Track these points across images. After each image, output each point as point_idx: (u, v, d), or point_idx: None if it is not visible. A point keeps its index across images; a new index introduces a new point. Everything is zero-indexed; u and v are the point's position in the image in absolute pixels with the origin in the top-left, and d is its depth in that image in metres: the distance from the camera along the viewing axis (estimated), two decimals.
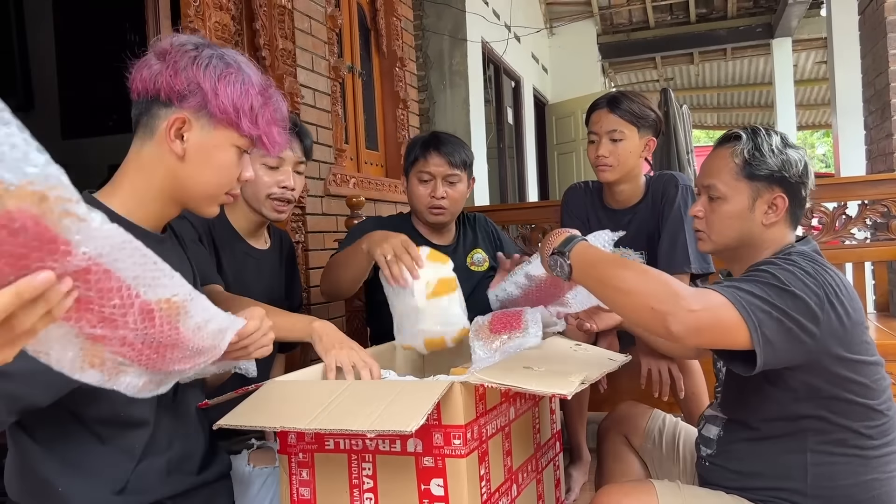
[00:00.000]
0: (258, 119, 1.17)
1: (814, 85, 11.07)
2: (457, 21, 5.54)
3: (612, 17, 9.08)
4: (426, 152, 2.13)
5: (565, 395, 1.14)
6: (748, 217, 1.40)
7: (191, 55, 1.14)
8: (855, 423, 1.30)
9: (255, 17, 2.70)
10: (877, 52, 3.39)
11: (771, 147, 1.39)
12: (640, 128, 2.15)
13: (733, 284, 1.23)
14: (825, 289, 1.24)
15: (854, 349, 1.28)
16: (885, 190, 3.03)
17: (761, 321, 1.17)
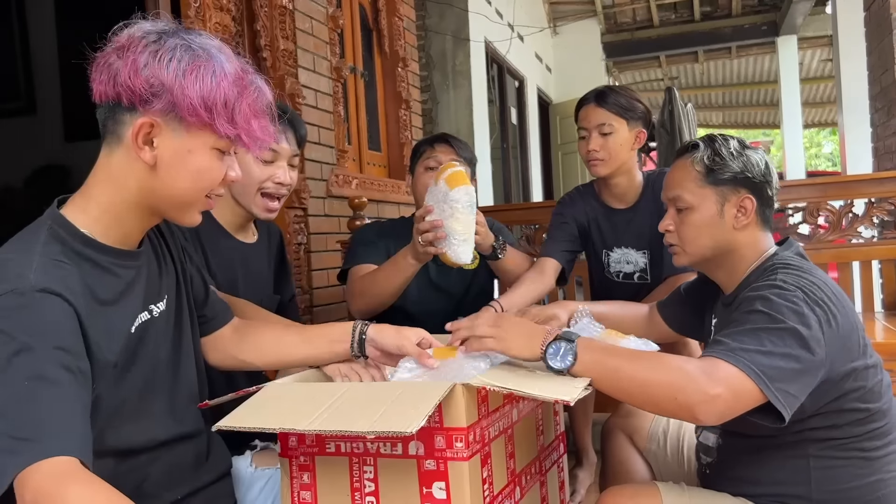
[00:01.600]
0: (234, 115, 1.05)
1: (819, 83, 11.03)
2: (459, 21, 5.53)
3: (615, 15, 9.06)
4: (433, 143, 2.18)
5: (568, 401, 1.12)
6: (719, 223, 1.39)
7: (151, 50, 1.01)
8: (857, 428, 1.29)
9: (255, 17, 2.69)
10: (882, 49, 3.36)
11: (730, 150, 1.40)
12: (629, 120, 2.14)
13: (737, 344, 1.19)
14: (819, 305, 1.23)
15: (855, 356, 1.27)
16: (893, 188, 3.00)
17: (773, 378, 1.15)
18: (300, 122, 1.76)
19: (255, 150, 1.12)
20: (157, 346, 1.19)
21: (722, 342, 1.20)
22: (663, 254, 2.29)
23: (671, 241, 1.47)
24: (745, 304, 1.27)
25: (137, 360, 1.13)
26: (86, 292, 1.01)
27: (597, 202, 2.31)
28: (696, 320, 1.63)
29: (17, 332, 0.91)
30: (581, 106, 2.21)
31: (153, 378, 1.17)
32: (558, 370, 1.20)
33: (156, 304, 1.19)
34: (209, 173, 1.09)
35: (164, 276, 1.24)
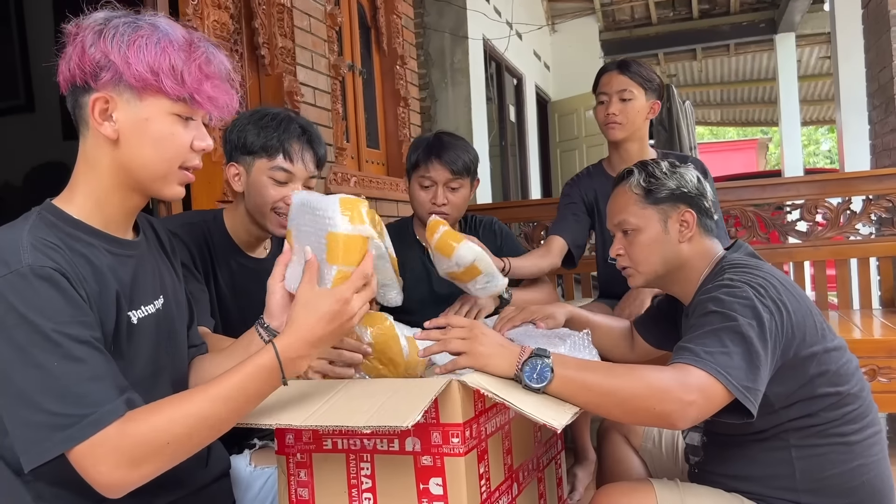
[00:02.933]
0: (184, 76, 1.05)
1: (818, 80, 11.03)
2: (458, 18, 5.52)
3: (614, 13, 9.05)
4: (428, 159, 2.10)
5: (556, 427, 1.12)
6: (665, 239, 1.47)
7: (96, 30, 1.05)
8: (832, 413, 1.32)
9: (253, 15, 2.69)
10: (880, 46, 3.36)
11: (663, 171, 1.50)
12: (647, 90, 2.30)
13: (700, 348, 1.23)
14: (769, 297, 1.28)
15: (811, 340, 1.31)
16: (890, 185, 3.01)
17: (738, 377, 1.20)
18: (320, 143, 1.70)
19: (215, 111, 1.11)
20: (156, 342, 1.19)
21: (686, 348, 1.25)
22: None
23: (623, 264, 1.54)
24: (699, 308, 1.32)
25: (135, 352, 1.14)
26: (77, 271, 1.04)
27: (604, 177, 2.39)
28: (671, 334, 1.65)
29: (28, 313, 0.96)
30: (602, 73, 2.36)
31: (151, 374, 1.18)
32: (534, 389, 1.20)
33: (153, 302, 1.20)
34: (171, 140, 1.09)
35: (162, 277, 1.25)
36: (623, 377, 1.21)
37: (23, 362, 0.95)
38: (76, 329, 0.99)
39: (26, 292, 0.97)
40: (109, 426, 0.96)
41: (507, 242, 2.31)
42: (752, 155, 18.64)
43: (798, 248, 3.11)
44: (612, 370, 1.24)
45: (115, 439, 0.96)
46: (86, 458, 0.96)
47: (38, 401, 0.95)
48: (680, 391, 1.17)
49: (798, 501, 1.32)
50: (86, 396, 0.96)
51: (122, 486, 0.98)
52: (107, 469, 0.96)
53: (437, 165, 2.09)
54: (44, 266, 0.99)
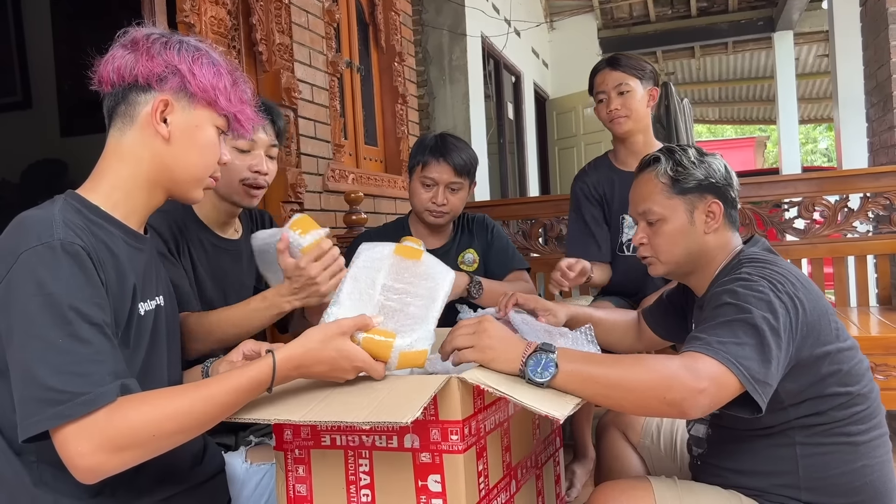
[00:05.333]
0: (232, 97, 1.21)
1: (816, 78, 11.03)
2: (456, 16, 5.52)
3: (612, 11, 9.04)
4: (432, 158, 2.14)
5: (558, 417, 1.12)
6: (690, 230, 1.44)
7: (162, 41, 1.17)
8: (840, 412, 1.31)
9: (251, 11, 2.68)
10: (878, 43, 3.36)
11: (690, 159, 1.45)
12: (642, 79, 2.33)
13: (713, 338, 1.21)
14: (786, 293, 1.26)
15: (826, 339, 1.29)
16: (888, 182, 3.02)
17: (750, 369, 1.18)
18: (279, 115, 1.77)
19: (247, 129, 1.26)
20: (156, 337, 1.22)
21: (699, 337, 1.23)
22: None
23: (645, 253, 1.51)
24: (714, 300, 1.30)
25: (137, 343, 1.16)
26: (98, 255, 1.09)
27: (611, 169, 2.45)
28: (680, 326, 1.65)
29: (49, 285, 1.00)
30: (595, 73, 2.40)
31: (149, 367, 1.19)
32: (539, 384, 1.19)
33: (156, 298, 1.24)
34: (213, 148, 1.22)
35: (162, 276, 1.31)
36: (630, 367, 1.19)
37: (30, 334, 0.99)
38: (91, 309, 1.02)
39: (52, 265, 1.01)
40: (100, 409, 0.98)
41: (496, 241, 2.32)
42: (750, 153, 18.65)
43: (795, 245, 3.11)
44: (619, 361, 1.21)
45: (103, 422, 0.97)
46: (70, 438, 0.97)
47: (37, 373, 0.97)
48: (690, 379, 1.15)
49: (799, 499, 1.31)
50: (83, 376, 0.98)
51: (99, 471, 0.99)
52: (88, 451, 0.97)
53: (441, 166, 2.12)
54: (73, 243, 1.04)
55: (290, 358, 1.13)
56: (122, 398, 1.01)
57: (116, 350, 1.05)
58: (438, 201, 2.13)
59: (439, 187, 2.13)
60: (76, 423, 0.97)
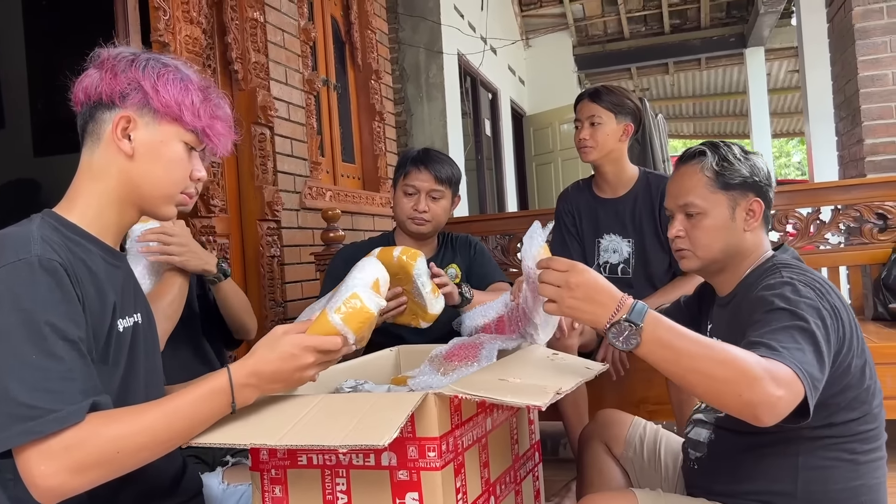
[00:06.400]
0: (200, 112, 1.19)
1: (787, 93, 11.22)
2: (432, 34, 5.55)
3: (587, 28, 9.16)
4: (413, 167, 2.22)
5: (539, 406, 1.12)
6: (731, 227, 1.42)
7: (128, 59, 1.17)
8: (850, 427, 1.30)
9: (226, 30, 2.68)
10: (845, 59, 3.44)
11: (736, 156, 1.44)
12: (617, 114, 2.41)
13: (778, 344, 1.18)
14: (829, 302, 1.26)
15: (856, 351, 1.29)
16: (857, 195, 3.07)
17: (813, 376, 1.16)
18: None
19: (218, 146, 1.24)
20: (134, 354, 1.21)
21: (762, 343, 1.19)
22: (645, 245, 2.39)
23: (681, 245, 1.48)
24: (762, 304, 1.28)
25: (116, 359, 1.16)
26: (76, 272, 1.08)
27: (589, 193, 2.56)
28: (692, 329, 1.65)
29: (25, 301, 1.00)
30: (578, 101, 2.50)
31: (127, 384, 1.18)
32: (621, 349, 1.19)
33: (134, 315, 1.24)
34: (180, 164, 1.20)
35: (140, 294, 1.31)
36: (716, 356, 1.14)
37: (4, 349, 0.98)
38: (66, 325, 1.02)
39: (29, 281, 1.01)
40: (69, 429, 0.97)
41: (479, 257, 2.36)
42: None
43: None
44: (707, 346, 1.17)
45: (69, 441, 0.97)
46: (33, 457, 0.96)
47: (9, 389, 0.97)
48: (772, 385, 1.11)
49: None
50: (54, 394, 0.97)
51: (60, 492, 0.98)
52: (50, 471, 0.96)
53: (422, 173, 2.20)
54: (51, 259, 1.04)
55: (244, 365, 1.12)
56: (90, 416, 1.00)
57: (90, 367, 1.04)
58: (420, 208, 2.20)
59: (421, 195, 2.20)
60: (42, 442, 0.96)
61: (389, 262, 1.90)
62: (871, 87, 3.23)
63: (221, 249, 2.59)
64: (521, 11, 8.69)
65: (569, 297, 1.20)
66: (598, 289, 1.21)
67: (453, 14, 5.96)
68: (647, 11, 8.70)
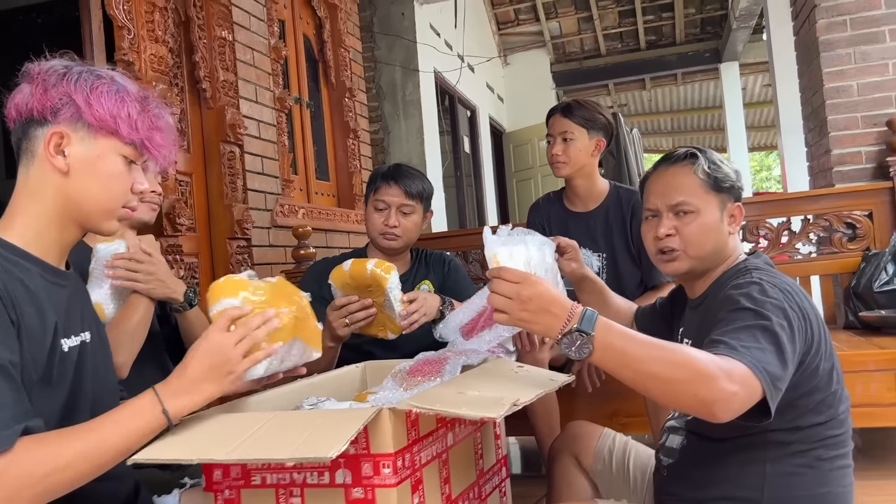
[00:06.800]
0: (138, 124, 1.16)
1: (763, 107, 11.35)
2: (408, 52, 5.58)
3: (564, 45, 9.24)
4: (384, 183, 2.21)
5: (493, 418, 1.11)
6: (720, 228, 1.45)
7: (59, 73, 1.14)
8: (816, 432, 1.31)
9: (194, 49, 2.68)
10: (811, 71, 3.48)
11: (721, 160, 1.48)
12: (590, 129, 2.42)
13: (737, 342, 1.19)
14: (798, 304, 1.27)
15: (824, 354, 1.30)
16: (826, 205, 3.09)
17: (772, 375, 1.17)
18: None
19: (158, 157, 1.22)
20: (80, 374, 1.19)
21: (722, 341, 1.20)
22: (617, 259, 2.39)
23: (672, 245, 1.48)
24: (728, 303, 1.29)
25: (60, 380, 1.13)
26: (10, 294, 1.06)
27: (560, 206, 2.56)
28: (664, 334, 1.64)
29: None
30: (550, 115, 2.50)
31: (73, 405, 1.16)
32: (575, 359, 1.18)
33: (81, 334, 1.21)
34: (118, 178, 1.18)
35: (89, 312, 1.28)
36: (668, 357, 1.15)
37: None
38: None
39: None
40: None
41: (452, 273, 2.35)
42: None
43: None
44: (659, 348, 1.17)
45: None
46: None
47: None
48: (725, 380, 1.12)
49: None
50: None
51: None
52: None
53: (392, 188, 2.19)
54: None
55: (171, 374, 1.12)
56: (21, 441, 0.97)
57: (20, 392, 1.02)
58: (390, 223, 2.18)
59: (391, 209, 2.19)
60: None
61: (362, 275, 1.90)
62: (836, 98, 3.27)
63: (189, 269, 2.56)
64: (499, 30, 8.76)
65: (520, 309, 1.20)
66: (550, 300, 1.20)
67: (429, 32, 6.00)
68: (622, 28, 8.81)
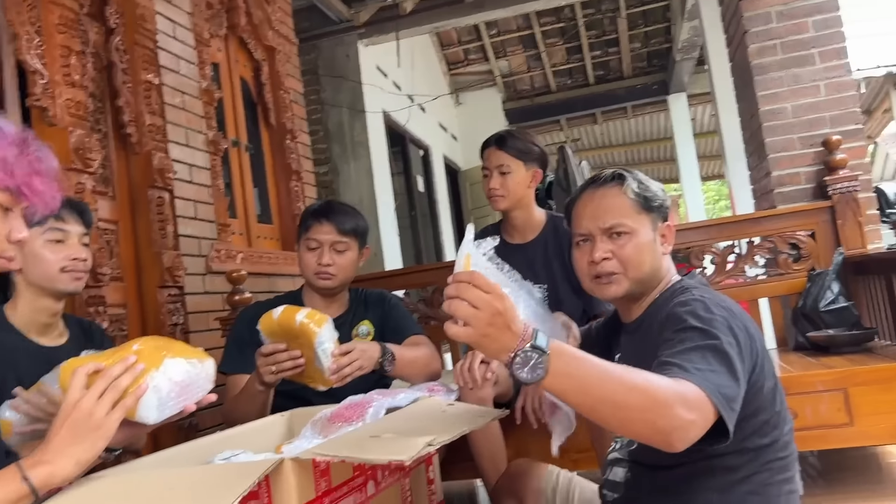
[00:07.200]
0: (14, 170, 1.10)
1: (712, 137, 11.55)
2: (354, 93, 5.58)
3: (515, 83, 9.36)
4: (315, 221, 2.13)
5: (402, 461, 1.03)
6: (655, 248, 1.42)
7: None
8: (763, 456, 1.27)
9: (118, 93, 2.60)
10: (747, 95, 3.52)
11: (649, 180, 1.47)
12: (526, 161, 2.38)
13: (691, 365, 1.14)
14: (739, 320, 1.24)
15: (768, 372, 1.27)
16: (770, 226, 3.09)
17: (727, 397, 1.12)
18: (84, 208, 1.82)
19: (40, 205, 1.15)
20: None
21: (673, 363, 1.14)
22: (558, 289, 2.34)
23: (611, 268, 1.42)
24: (675, 322, 1.24)
25: None
26: None
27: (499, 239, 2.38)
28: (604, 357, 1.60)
29: None
30: (484, 148, 2.45)
31: None
32: (525, 382, 1.07)
33: None
34: None
35: None
36: (625, 383, 1.07)
37: None
38: None
39: None
40: None
41: (393, 311, 2.26)
42: None
43: None
44: (615, 374, 1.08)
45: None
46: None
47: None
48: (682, 407, 1.06)
49: None
50: None
51: None
52: None
53: (324, 226, 2.11)
54: None
55: None
56: None
57: None
58: (324, 262, 2.10)
59: (324, 248, 2.11)
60: None
61: (290, 325, 1.80)
62: (772, 120, 3.30)
63: (116, 320, 2.45)
64: (449, 70, 8.85)
65: (487, 323, 1.05)
66: (514, 317, 1.08)
67: (376, 73, 6.01)
68: (571, 64, 8.96)
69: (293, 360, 1.83)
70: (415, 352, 2.12)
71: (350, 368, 1.84)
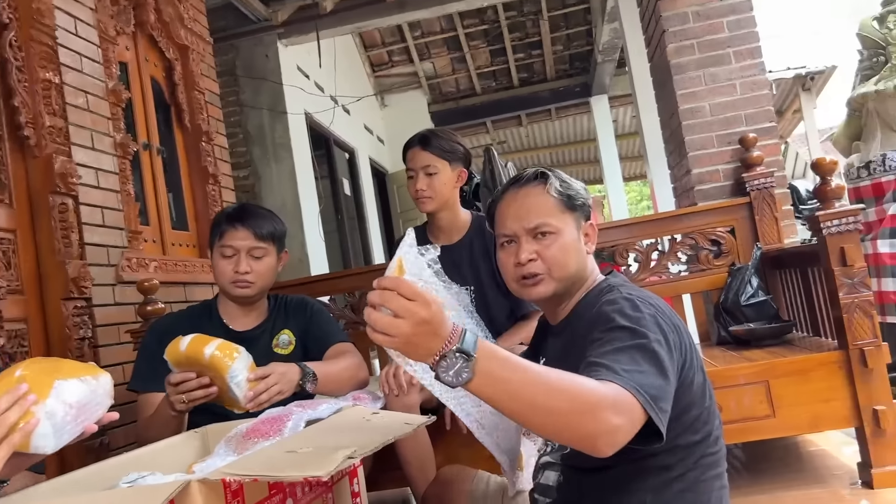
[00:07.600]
0: None
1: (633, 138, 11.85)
2: (275, 95, 5.43)
3: (440, 85, 9.35)
4: (229, 226, 2.02)
5: (320, 476, 0.96)
6: (580, 248, 1.41)
7: None
8: (694, 452, 1.26)
9: (12, 93, 2.42)
10: (666, 94, 3.58)
11: (571, 179, 1.46)
12: (451, 161, 2.35)
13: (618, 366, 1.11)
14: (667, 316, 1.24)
15: (696, 367, 1.26)
16: (691, 223, 3.16)
17: (655, 398, 1.10)
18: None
19: None
20: None
21: (601, 364, 1.12)
22: (485, 290, 2.30)
23: (536, 269, 1.40)
24: (603, 321, 1.22)
25: None
26: None
27: (424, 241, 2.39)
28: None
29: None
30: (407, 148, 2.40)
31: None
32: (451, 385, 1.01)
33: None
34: None
35: None
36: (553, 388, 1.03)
37: None
38: None
39: None
40: None
41: (315, 317, 2.17)
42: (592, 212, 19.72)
43: None
44: (543, 378, 1.04)
45: None
46: None
47: None
48: (610, 411, 1.03)
49: None
50: None
51: None
52: None
53: (240, 232, 2.00)
54: None
55: None
56: None
57: None
58: (241, 269, 1.99)
59: (241, 255, 2.00)
60: None
61: (199, 359, 1.69)
62: (691, 119, 3.36)
63: (16, 336, 2.28)
64: (374, 72, 8.77)
65: (412, 332, 1.00)
66: (441, 323, 1.02)
67: (297, 74, 5.87)
68: (495, 67, 9.01)
69: (204, 388, 1.73)
70: (338, 364, 2.04)
71: (267, 395, 1.75)
